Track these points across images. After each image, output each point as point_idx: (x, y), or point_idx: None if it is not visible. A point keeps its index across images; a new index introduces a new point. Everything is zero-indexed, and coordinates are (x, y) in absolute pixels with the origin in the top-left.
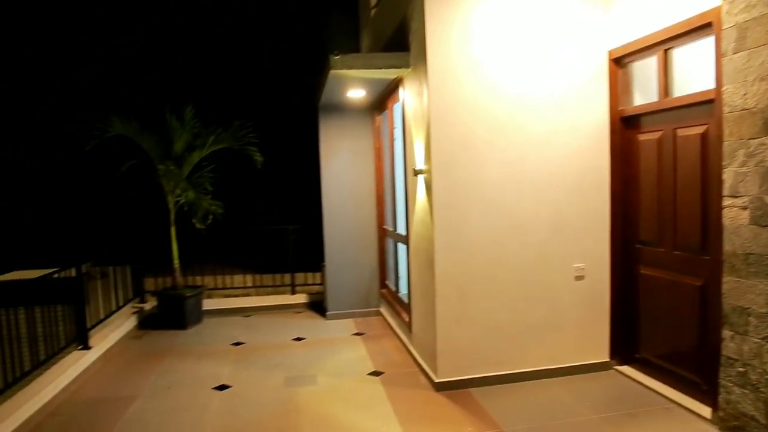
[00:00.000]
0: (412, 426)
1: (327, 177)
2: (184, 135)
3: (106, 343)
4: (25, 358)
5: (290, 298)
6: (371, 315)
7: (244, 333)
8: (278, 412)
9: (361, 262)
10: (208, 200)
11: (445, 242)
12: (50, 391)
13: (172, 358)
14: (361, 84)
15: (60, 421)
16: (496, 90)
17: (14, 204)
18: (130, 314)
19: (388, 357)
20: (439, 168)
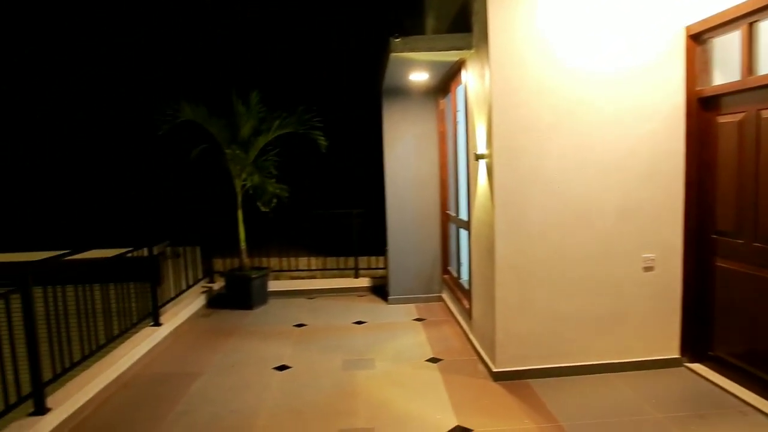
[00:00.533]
0: (467, 415)
1: (390, 161)
2: (250, 120)
3: (176, 320)
4: (100, 332)
5: (353, 281)
6: (433, 301)
7: (307, 315)
8: (335, 395)
9: (423, 247)
10: (273, 183)
11: (505, 228)
12: (123, 364)
13: (237, 338)
14: (424, 67)
15: (131, 393)
16: (562, 70)
17: (94, 187)
18: (200, 293)
19: (448, 344)
20: (501, 152)
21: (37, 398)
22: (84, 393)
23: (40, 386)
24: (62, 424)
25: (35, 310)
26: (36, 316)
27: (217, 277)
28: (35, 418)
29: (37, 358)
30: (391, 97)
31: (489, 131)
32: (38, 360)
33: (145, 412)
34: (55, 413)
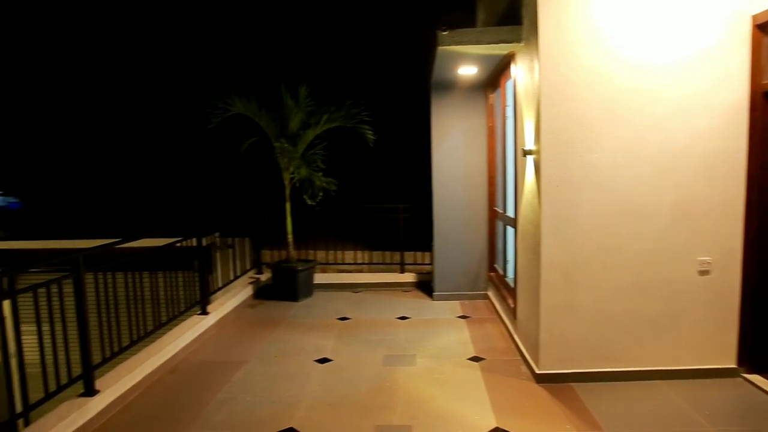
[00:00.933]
0: (506, 417)
1: (438, 156)
2: (299, 113)
3: (223, 309)
4: (150, 319)
5: (399, 276)
6: (478, 298)
7: (351, 308)
8: (374, 390)
9: (470, 243)
10: (320, 177)
11: (552, 227)
12: (170, 351)
13: (281, 329)
14: (472, 60)
15: (177, 379)
16: (616, 62)
17: (150, 179)
18: (247, 284)
19: (491, 343)
20: (549, 148)
21: (86, 380)
22: (131, 377)
23: (89, 369)
24: (110, 405)
25: (86, 295)
26: (87, 301)
27: (264, 269)
28: (85, 399)
29: (87, 341)
30: (440, 91)
31: (537, 126)
32: (88, 343)
33: (188, 398)
34: (103, 395)
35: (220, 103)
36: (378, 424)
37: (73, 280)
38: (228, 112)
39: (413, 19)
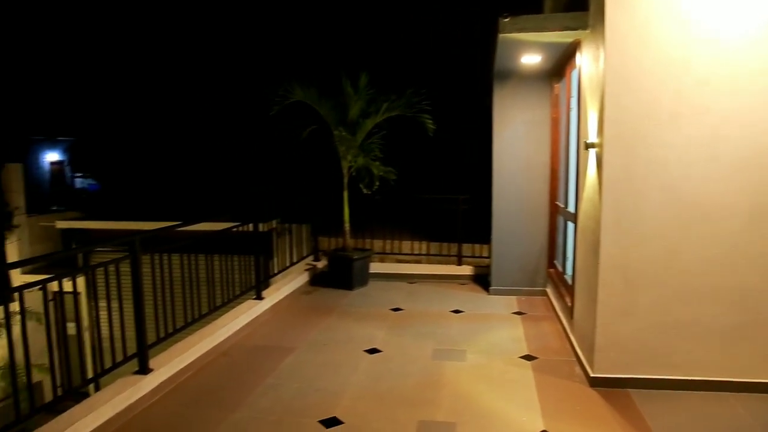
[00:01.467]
0: (555, 420)
1: (499, 147)
2: (359, 102)
3: (278, 295)
4: (209, 302)
5: (456, 268)
6: (536, 294)
7: (405, 299)
8: (420, 384)
9: (529, 238)
10: (379, 166)
11: (613, 225)
12: (223, 334)
13: (333, 317)
14: (535, 49)
15: (228, 362)
16: (688, 51)
17: (213, 165)
18: (303, 271)
19: (545, 341)
20: (612, 141)
21: (141, 358)
22: (184, 358)
23: (144, 348)
24: (162, 384)
25: (142, 276)
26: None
27: (321, 256)
28: (139, 376)
29: (142, 321)
30: (503, 80)
31: (601, 118)
32: (143, 323)
33: (237, 382)
34: (156, 374)
35: (281, 91)
36: (421, 420)
37: (130, 261)
38: (288, 100)
39: (477, 5)
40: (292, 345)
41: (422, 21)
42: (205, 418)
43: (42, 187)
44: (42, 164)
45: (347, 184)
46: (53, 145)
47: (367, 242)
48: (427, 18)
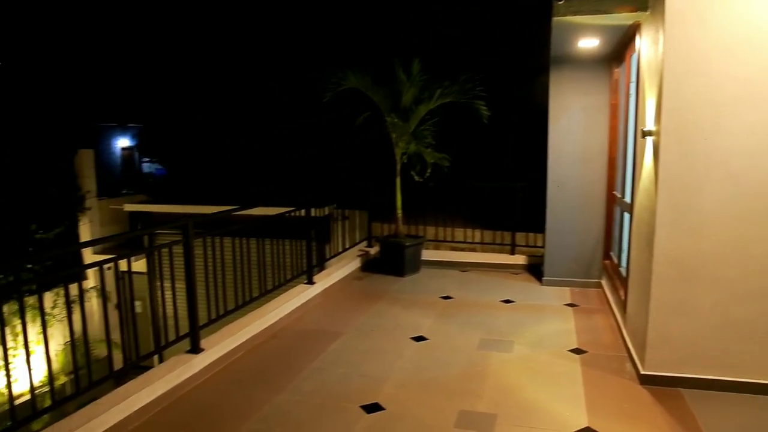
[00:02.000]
0: (601, 417)
1: (554, 134)
2: (412, 88)
3: (329, 280)
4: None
5: (509, 258)
6: (590, 287)
7: (456, 288)
8: (464, 373)
9: (584, 228)
10: (432, 152)
11: (669, 217)
12: (274, 317)
13: (383, 303)
14: (592, 32)
15: (277, 344)
16: (754, 32)
17: (275, 152)
18: (356, 256)
19: (596, 335)
20: (670, 129)
21: (192, 338)
22: (235, 339)
23: (196, 328)
24: (213, 363)
25: (194, 259)
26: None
27: (374, 242)
28: (190, 355)
29: (194, 302)
30: (560, 66)
31: (658, 104)
32: (195, 304)
33: (284, 364)
34: (207, 353)
35: (334, 78)
36: (462, 409)
37: (183, 244)
38: (341, 87)
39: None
40: (340, 330)
41: (475, 5)
42: (251, 399)
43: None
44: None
45: (400, 171)
46: (124, 132)
47: (420, 229)
48: (480, 1)
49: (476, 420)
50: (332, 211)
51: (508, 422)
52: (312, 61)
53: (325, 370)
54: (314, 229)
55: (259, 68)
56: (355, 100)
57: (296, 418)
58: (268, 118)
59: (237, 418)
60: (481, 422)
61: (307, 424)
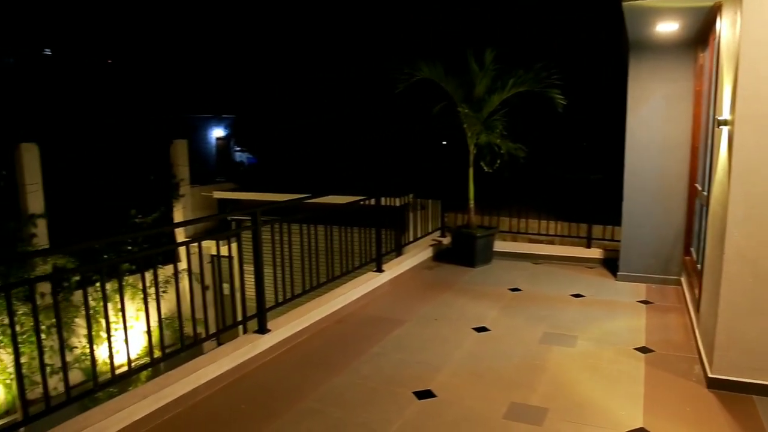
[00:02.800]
0: (658, 418)
1: (633, 124)
2: (485, 78)
3: (398, 268)
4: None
5: (585, 251)
6: (669, 283)
7: (526, 280)
8: (521, 366)
9: (663, 222)
10: (508, 143)
11: (742, 212)
12: (340, 303)
13: (450, 293)
14: (668, 15)
15: (341, 329)
16: None
17: (357, 142)
18: (428, 246)
19: (667, 334)
20: (746, 118)
21: (260, 319)
22: (301, 322)
23: (263, 309)
24: (278, 344)
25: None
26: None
27: (447, 232)
28: (257, 335)
29: (262, 285)
30: (639, 51)
31: (734, 92)
32: (262, 287)
33: (345, 348)
34: (273, 334)
35: (406, 69)
36: (514, 401)
37: (252, 230)
38: (414, 77)
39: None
40: (404, 317)
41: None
42: (310, 379)
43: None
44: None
45: (473, 162)
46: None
47: (494, 220)
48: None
49: (526, 412)
50: (409, 201)
51: (559, 417)
52: (385, 52)
53: (383, 355)
54: (390, 217)
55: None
56: (427, 90)
57: (350, 399)
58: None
59: (294, 396)
60: (531, 415)
61: (360, 406)
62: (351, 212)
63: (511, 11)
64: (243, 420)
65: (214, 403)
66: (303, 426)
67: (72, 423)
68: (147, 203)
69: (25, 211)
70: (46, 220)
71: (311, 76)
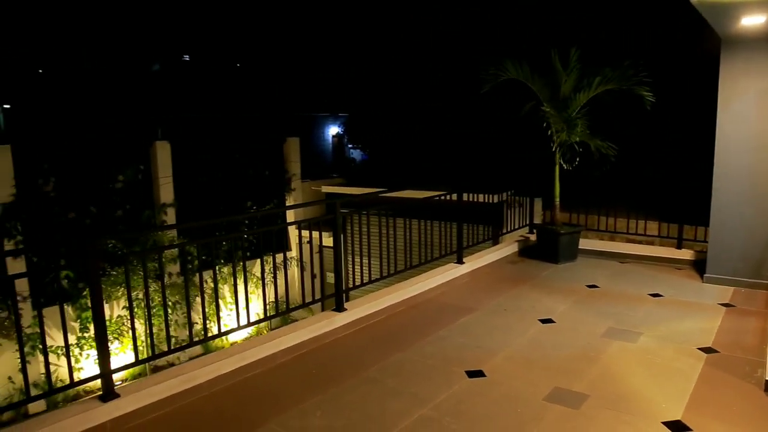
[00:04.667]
0: (699, 415)
1: (724, 121)
2: (571, 77)
3: (479, 262)
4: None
5: (675, 252)
6: (759, 288)
7: (606, 278)
8: (575, 356)
9: (756, 224)
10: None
11: None
12: (417, 290)
13: (526, 287)
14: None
15: (415, 313)
16: None
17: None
18: (515, 241)
19: (738, 337)
20: None
21: (338, 299)
22: (377, 304)
23: (340, 290)
24: (353, 322)
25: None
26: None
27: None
28: (335, 313)
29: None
30: (731, 46)
31: None
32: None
33: (414, 330)
34: (350, 312)
35: (492, 69)
36: (557, 386)
37: (332, 220)
38: (500, 78)
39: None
40: (475, 306)
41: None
42: (376, 353)
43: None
44: (326, 137)
45: (558, 160)
46: (335, 121)
47: (582, 218)
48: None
49: (567, 397)
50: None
51: (598, 404)
52: (470, 53)
53: (448, 338)
54: (487, 213)
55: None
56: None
57: (407, 373)
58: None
59: (359, 366)
60: (570, 399)
61: (414, 379)
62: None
63: (594, 10)
64: (311, 382)
65: (288, 367)
66: (360, 390)
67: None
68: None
69: (158, 201)
70: (175, 209)
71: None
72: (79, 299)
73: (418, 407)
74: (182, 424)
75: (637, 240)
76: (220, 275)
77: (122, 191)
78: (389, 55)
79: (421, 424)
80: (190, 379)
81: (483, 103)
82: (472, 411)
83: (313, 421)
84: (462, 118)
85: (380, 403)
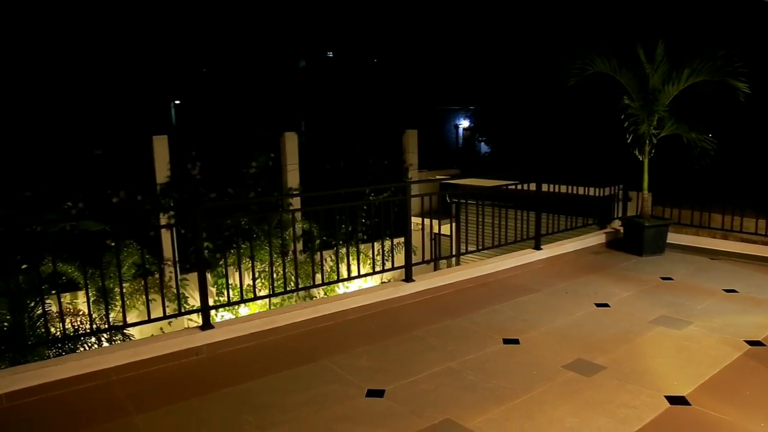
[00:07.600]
0: (707, 397)
1: None
2: (659, 69)
3: (559, 249)
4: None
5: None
6: None
7: (686, 272)
8: (611, 336)
9: None
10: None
11: None
12: (488, 270)
13: (597, 275)
14: None
15: (480, 290)
16: None
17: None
18: (603, 232)
19: None
20: None
21: (407, 271)
22: (445, 279)
23: (409, 264)
24: (419, 293)
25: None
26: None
27: None
28: (403, 283)
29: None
30: None
31: None
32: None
33: (473, 303)
34: (416, 284)
35: (578, 62)
36: (580, 357)
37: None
38: (587, 71)
39: None
40: (538, 288)
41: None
42: (430, 319)
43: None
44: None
45: (648, 152)
46: (467, 114)
47: (675, 212)
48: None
49: (584, 367)
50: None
51: (611, 375)
52: (554, 47)
53: (499, 312)
54: (597, 205)
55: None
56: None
57: (450, 335)
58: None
59: (411, 327)
60: (586, 369)
61: (454, 341)
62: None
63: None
64: (368, 336)
65: (353, 323)
66: (405, 344)
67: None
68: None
69: (285, 186)
70: (299, 193)
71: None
72: (217, 267)
73: (447, 361)
74: (257, 352)
75: (736, 237)
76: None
77: (255, 176)
78: (513, 49)
79: (443, 373)
80: (271, 322)
81: (580, 99)
82: (493, 368)
83: (359, 362)
84: (567, 112)
85: (417, 355)
